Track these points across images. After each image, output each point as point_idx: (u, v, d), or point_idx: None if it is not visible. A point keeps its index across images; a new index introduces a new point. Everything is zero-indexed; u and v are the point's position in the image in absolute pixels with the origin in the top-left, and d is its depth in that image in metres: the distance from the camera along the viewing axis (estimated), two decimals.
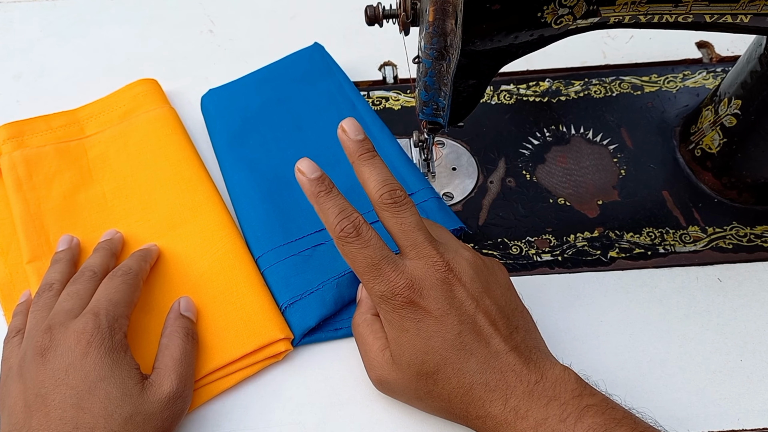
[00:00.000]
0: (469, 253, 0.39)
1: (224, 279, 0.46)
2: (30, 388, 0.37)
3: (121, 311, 0.41)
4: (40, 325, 0.40)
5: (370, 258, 0.37)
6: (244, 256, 0.47)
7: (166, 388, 0.38)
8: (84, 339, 0.38)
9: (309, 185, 0.38)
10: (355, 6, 0.66)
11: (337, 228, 0.37)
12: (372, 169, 0.39)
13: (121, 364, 0.38)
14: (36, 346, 0.38)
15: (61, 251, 0.47)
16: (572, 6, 0.36)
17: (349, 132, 0.39)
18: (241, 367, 0.43)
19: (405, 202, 0.38)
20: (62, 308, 0.40)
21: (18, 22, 0.67)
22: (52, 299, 0.42)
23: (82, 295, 0.42)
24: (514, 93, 0.58)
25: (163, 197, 0.51)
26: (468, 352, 0.36)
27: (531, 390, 0.35)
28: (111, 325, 0.39)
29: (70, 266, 0.46)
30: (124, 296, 0.42)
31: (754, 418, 0.41)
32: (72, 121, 0.56)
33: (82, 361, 0.37)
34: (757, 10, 0.37)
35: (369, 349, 0.39)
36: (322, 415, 0.42)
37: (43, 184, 0.51)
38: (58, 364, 0.37)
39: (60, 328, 0.39)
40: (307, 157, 0.39)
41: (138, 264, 0.45)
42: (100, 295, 0.41)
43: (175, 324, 0.43)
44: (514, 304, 0.39)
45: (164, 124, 0.55)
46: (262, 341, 0.43)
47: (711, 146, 0.50)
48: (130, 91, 0.57)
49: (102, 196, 0.52)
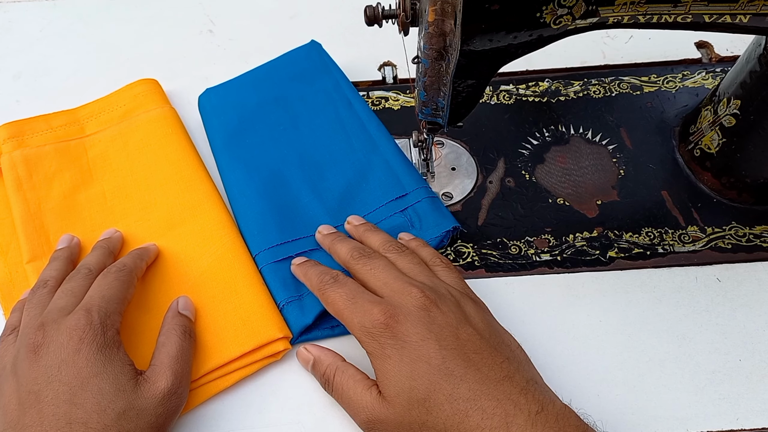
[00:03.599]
0: (447, 285, 0.40)
1: (223, 278, 0.46)
2: (23, 385, 0.37)
3: (113, 308, 0.41)
4: (34, 322, 0.40)
5: (347, 294, 0.39)
6: (243, 256, 0.47)
7: (161, 384, 0.38)
8: (76, 335, 0.38)
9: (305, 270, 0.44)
10: (355, 6, 0.66)
11: (317, 281, 0.41)
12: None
13: (113, 360, 0.38)
14: (29, 344, 0.38)
15: (60, 249, 0.47)
16: (571, 6, 0.36)
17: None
18: (240, 367, 0.43)
19: (374, 255, 0.42)
20: (56, 306, 0.41)
21: (18, 22, 0.67)
22: (47, 296, 0.42)
23: (77, 293, 0.42)
24: (513, 93, 0.59)
25: (163, 197, 0.51)
26: (458, 378, 0.35)
27: (533, 420, 0.33)
28: (103, 321, 0.39)
29: (67, 264, 0.46)
30: (117, 293, 0.42)
31: (754, 418, 0.41)
32: (72, 121, 0.56)
33: (74, 357, 0.37)
34: (756, 10, 0.37)
35: (352, 393, 0.38)
36: (322, 415, 0.42)
37: (43, 183, 0.51)
38: (51, 361, 0.37)
39: (53, 325, 0.39)
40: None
41: (133, 261, 0.45)
42: (93, 292, 0.41)
43: (173, 322, 0.43)
44: (499, 338, 0.38)
45: (164, 123, 0.55)
46: (260, 340, 0.43)
47: (710, 146, 0.50)
48: (131, 90, 0.58)
49: (102, 195, 0.52)
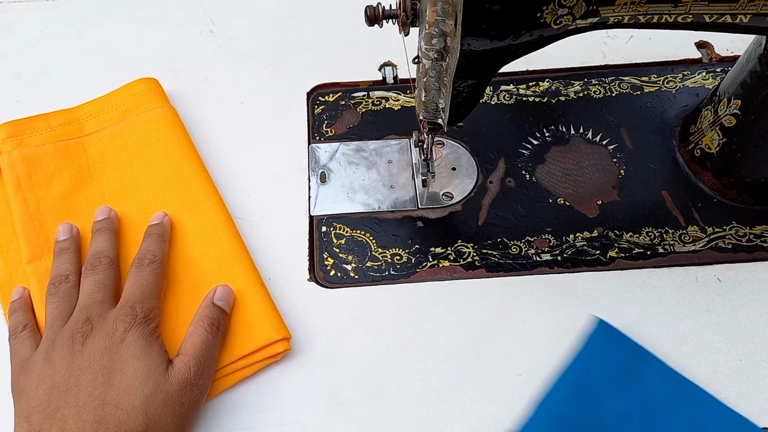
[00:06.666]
0: None
1: (223, 280, 0.46)
2: (59, 371, 0.39)
3: (154, 303, 0.43)
4: (64, 314, 0.42)
5: None
6: (243, 257, 0.47)
7: (184, 373, 0.40)
8: (121, 327, 0.40)
9: None
10: (355, 6, 0.66)
11: None
12: None
13: (152, 346, 0.40)
14: (75, 335, 0.40)
15: (65, 240, 0.47)
16: (572, 6, 0.36)
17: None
18: (240, 368, 0.43)
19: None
20: (94, 300, 0.42)
21: (18, 22, 0.67)
22: (72, 290, 0.44)
23: (108, 285, 0.44)
24: (513, 93, 0.59)
25: (162, 197, 0.51)
26: None
27: None
28: (146, 314, 0.42)
29: (77, 256, 0.47)
30: (154, 287, 0.44)
31: (754, 418, 0.41)
32: (71, 120, 0.56)
33: (118, 344, 0.39)
34: (756, 10, 0.37)
35: None
36: (322, 415, 0.42)
37: (42, 183, 0.51)
38: (95, 348, 0.39)
39: (98, 319, 0.41)
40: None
41: (161, 249, 0.46)
42: (132, 287, 0.43)
43: (203, 313, 0.44)
44: None
45: (164, 123, 0.55)
46: (260, 342, 0.43)
47: (710, 146, 0.50)
48: (130, 89, 0.57)
49: (101, 195, 0.52)
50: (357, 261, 0.49)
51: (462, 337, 0.46)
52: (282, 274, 0.49)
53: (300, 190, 0.53)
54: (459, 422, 0.42)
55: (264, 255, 0.50)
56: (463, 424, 0.42)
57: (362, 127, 0.57)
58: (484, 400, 0.43)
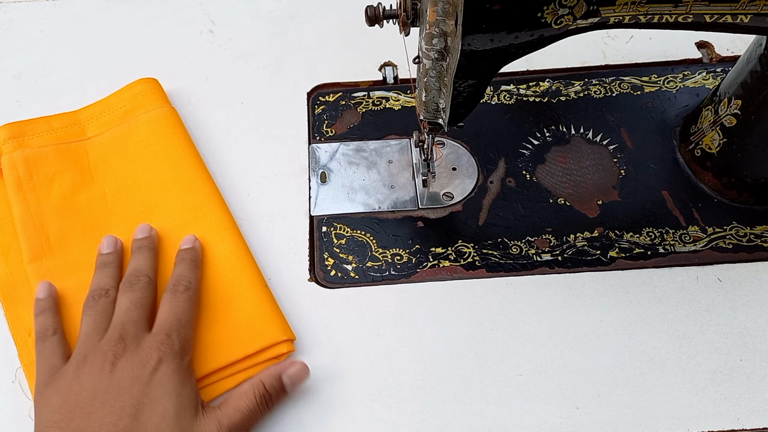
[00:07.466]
0: None
1: (227, 281, 0.46)
2: (87, 390, 0.38)
3: (190, 333, 0.42)
4: (100, 329, 0.41)
5: None
6: (246, 258, 0.47)
7: (214, 430, 0.38)
8: (155, 356, 0.39)
9: None
10: (355, 6, 0.66)
11: None
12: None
13: (185, 385, 0.39)
14: (106, 353, 0.39)
15: (109, 254, 0.47)
16: (572, 6, 0.36)
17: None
18: (243, 368, 0.43)
19: None
20: (129, 318, 0.41)
21: (18, 22, 0.67)
22: (110, 306, 0.43)
23: (145, 305, 0.43)
24: (514, 93, 0.58)
25: (164, 199, 0.51)
26: None
27: None
28: (183, 346, 0.41)
29: (119, 271, 0.46)
30: (190, 315, 0.43)
31: (754, 418, 0.41)
32: (73, 123, 0.56)
33: (150, 375, 0.38)
34: (757, 10, 0.37)
35: None
36: (322, 415, 0.42)
37: (43, 184, 0.51)
38: (126, 374, 0.38)
39: (133, 340, 0.40)
40: None
41: (194, 275, 0.45)
42: (168, 314, 0.42)
43: (266, 380, 0.41)
44: None
45: (164, 124, 0.55)
46: (264, 343, 0.43)
47: (711, 146, 0.50)
48: (130, 90, 0.57)
49: (102, 196, 0.52)
50: (357, 261, 0.49)
51: (462, 337, 0.46)
52: (282, 274, 0.49)
53: (300, 190, 0.53)
54: (459, 422, 0.42)
55: (264, 255, 0.50)
56: (463, 424, 0.42)
57: (362, 127, 0.57)
58: (484, 400, 0.43)
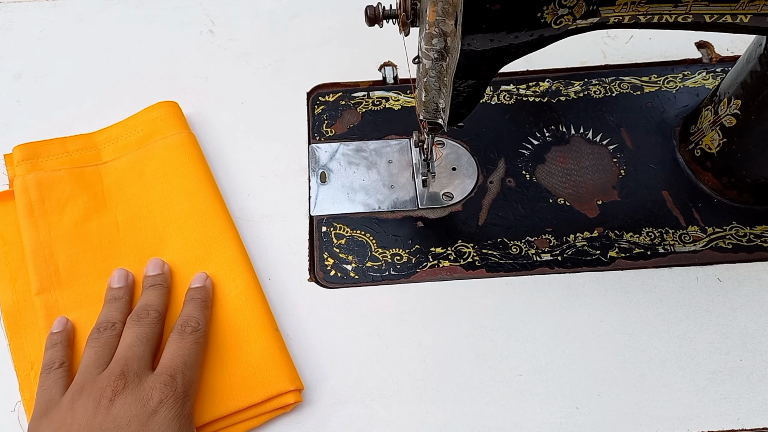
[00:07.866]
0: None
1: (236, 323, 0.45)
2: (79, 423, 0.37)
3: (195, 376, 0.41)
4: (101, 362, 0.40)
5: None
6: (257, 299, 0.46)
7: None
8: (156, 397, 0.38)
9: None
10: (355, 6, 0.66)
11: None
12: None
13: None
14: (105, 388, 0.38)
15: (119, 288, 0.46)
16: (572, 6, 0.36)
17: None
18: (247, 418, 0.42)
19: None
20: (134, 353, 0.40)
21: (18, 22, 0.67)
22: (114, 339, 0.42)
23: (150, 340, 0.42)
24: (514, 93, 0.58)
25: (178, 232, 0.50)
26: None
27: None
28: (186, 390, 0.39)
29: (128, 306, 0.45)
30: (197, 358, 0.42)
31: (754, 418, 0.41)
32: (89, 146, 0.54)
33: (149, 417, 0.37)
34: (756, 10, 0.37)
35: None
36: (322, 415, 0.42)
37: (55, 209, 0.50)
38: (124, 412, 0.37)
39: (134, 377, 0.39)
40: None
41: (204, 316, 0.44)
42: (174, 355, 0.41)
43: None
44: None
45: (182, 151, 0.53)
46: (271, 392, 0.42)
47: (711, 146, 0.50)
48: (149, 114, 0.55)
49: (115, 225, 0.50)
50: (357, 261, 0.49)
51: (462, 337, 0.46)
52: (282, 274, 0.49)
53: (300, 190, 0.53)
54: (459, 422, 0.42)
55: (264, 255, 0.50)
56: (463, 424, 0.42)
57: (362, 127, 0.57)
58: (484, 400, 0.43)
